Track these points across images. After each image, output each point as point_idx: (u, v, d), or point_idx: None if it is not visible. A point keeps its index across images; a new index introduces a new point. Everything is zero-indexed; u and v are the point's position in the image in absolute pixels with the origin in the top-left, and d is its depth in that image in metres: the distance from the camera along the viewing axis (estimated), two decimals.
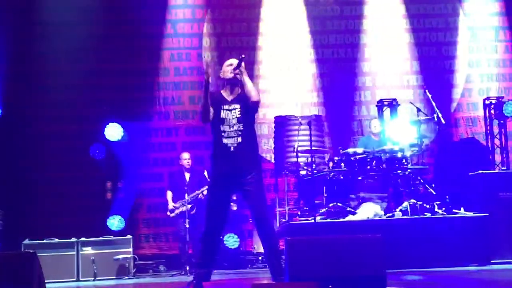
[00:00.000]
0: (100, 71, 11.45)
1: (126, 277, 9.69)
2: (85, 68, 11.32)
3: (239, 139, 6.21)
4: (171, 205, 10.33)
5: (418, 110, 9.97)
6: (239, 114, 6.23)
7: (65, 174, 11.23)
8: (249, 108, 6.24)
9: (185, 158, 10.48)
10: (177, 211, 10.22)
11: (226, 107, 6.28)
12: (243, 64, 6.24)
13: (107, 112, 10.75)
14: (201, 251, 6.39)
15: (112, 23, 11.53)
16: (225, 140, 6.23)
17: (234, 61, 6.31)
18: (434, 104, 9.45)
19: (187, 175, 10.42)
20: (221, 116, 6.25)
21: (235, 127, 6.23)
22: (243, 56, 6.25)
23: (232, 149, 6.22)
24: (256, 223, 6.36)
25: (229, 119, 6.25)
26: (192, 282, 6.33)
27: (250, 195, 6.24)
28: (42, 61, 11.28)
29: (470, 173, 9.62)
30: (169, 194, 10.46)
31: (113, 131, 10.67)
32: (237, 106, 6.26)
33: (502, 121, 10.66)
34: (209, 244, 6.32)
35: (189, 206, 10.11)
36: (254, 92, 6.20)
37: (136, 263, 10.01)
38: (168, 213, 10.39)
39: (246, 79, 6.22)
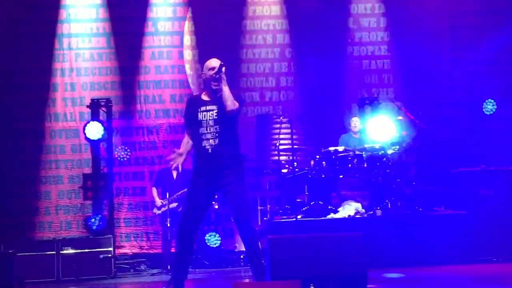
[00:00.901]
0: (80, 69, 11.40)
1: (107, 277, 9.63)
2: (66, 66, 11.29)
3: (217, 141, 6.21)
4: (159, 201, 10.30)
5: (399, 108, 10.01)
6: (216, 115, 6.24)
7: (45, 172, 11.17)
8: (226, 114, 6.25)
9: None
10: (163, 209, 10.20)
11: (203, 108, 6.28)
12: (223, 69, 6.24)
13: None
14: (177, 250, 6.41)
15: (92, 21, 11.47)
16: (203, 143, 6.25)
17: (215, 64, 6.31)
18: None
19: (175, 173, 10.41)
20: (199, 118, 6.26)
21: (212, 129, 6.25)
22: (222, 63, 6.25)
23: (210, 151, 6.23)
24: (237, 223, 6.36)
25: (206, 120, 6.26)
26: (171, 283, 6.33)
27: (230, 196, 6.25)
28: (17, 59, 11.20)
29: (451, 171, 9.67)
30: (155, 191, 10.44)
31: (94, 130, 10.58)
32: (214, 107, 6.27)
33: (482, 119, 10.72)
34: (185, 243, 6.33)
35: (175, 204, 10.11)
36: (230, 102, 6.18)
37: (117, 262, 9.94)
38: (155, 210, 10.36)
39: (224, 87, 6.21)
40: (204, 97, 6.42)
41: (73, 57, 11.44)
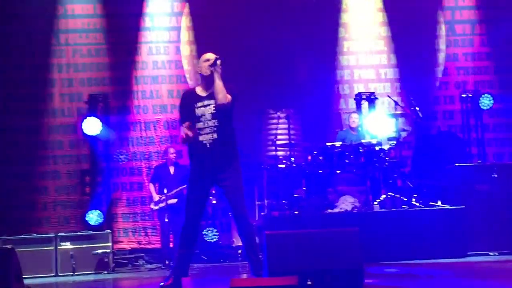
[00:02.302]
0: (79, 65, 11.42)
1: (105, 272, 9.67)
2: (63, 62, 11.31)
3: (215, 135, 6.23)
4: (156, 197, 10.33)
5: (396, 103, 10.05)
6: (213, 110, 6.25)
7: (43, 168, 11.19)
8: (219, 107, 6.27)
9: (171, 152, 10.51)
10: (161, 204, 10.23)
11: (200, 104, 6.29)
12: (218, 62, 6.26)
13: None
14: (179, 245, 6.42)
15: (89, 16, 11.48)
16: (201, 137, 6.25)
17: (210, 56, 6.33)
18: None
19: (172, 169, 10.43)
20: (196, 114, 6.26)
21: (210, 123, 6.25)
22: (218, 57, 6.28)
23: (208, 145, 6.25)
24: (234, 218, 6.39)
25: (204, 115, 6.27)
26: (170, 278, 6.35)
27: (228, 191, 6.27)
28: (13, 55, 11.21)
29: (447, 166, 9.70)
30: (152, 187, 10.47)
31: (92, 125, 10.60)
32: (212, 102, 6.27)
33: (478, 114, 10.75)
34: (187, 238, 6.36)
35: (175, 200, 10.14)
36: (222, 95, 6.19)
37: (115, 257, 9.98)
38: (153, 205, 10.38)
39: (217, 80, 6.22)
40: (200, 91, 6.41)
41: (70, 53, 11.45)
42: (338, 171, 9.34)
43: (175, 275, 6.33)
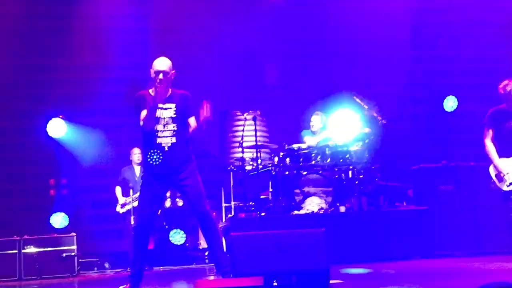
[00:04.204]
0: (42, 66, 11.27)
1: (70, 275, 9.57)
2: (28, 62, 11.16)
3: (174, 139, 6.19)
4: (122, 199, 10.25)
5: (362, 104, 10.07)
6: (174, 114, 6.21)
7: (6, 170, 11.04)
8: (185, 109, 6.25)
9: (136, 153, 10.43)
10: (127, 207, 10.17)
11: (160, 105, 6.21)
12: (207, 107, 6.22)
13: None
14: (133, 249, 6.37)
15: (58, 16, 11.34)
16: (159, 140, 6.19)
17: (161, 66, 6.22)
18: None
19: (137, 171, 10.36)
20: (156, 115, 6.19)
21: (170, 127, 6.20)
22: (164, 71, 6.20)
23: (166, 148, 6.20)
24: (197, 217, 6.36)
25: (164, 118, 6.21)
26: (127, 283, 6.31)
27: (187, 191, 6.25)
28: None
29: (412, 167, 9.78)
30: (118, 189, 10.39)
31: (56, 127, 10.49)
32: (172, 105, 6.23)
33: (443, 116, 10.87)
34: (140, 241, 6.31)
35: None
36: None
37: (80, 260, 9.88)
38: (119, 207, 10.30)
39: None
40: (154, 94, 6.29)
41: None
42: (304, 173, 9.36)
43: (132, 277, 6.31)
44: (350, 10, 11.71)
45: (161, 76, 6.13)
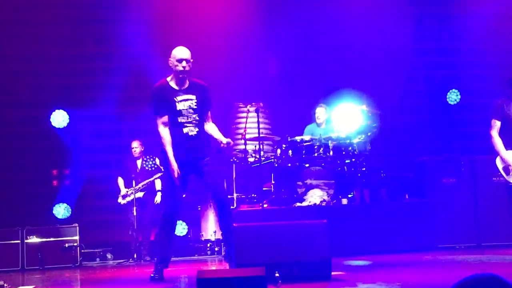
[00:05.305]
0: (46, 56, 11.27)
1: (72, 265, 9.59)
2: (29, 53, 11.15)
3: (197, 129, 6.38)
4: (124, 191, 10.28)
5: (365, 97, 10.07)
6: (195, 105, 6.35)
7: (9, 161, 11.05)
8: (205, 101, 6.48)
9: (133, 146, 10.46)
10: (128, 198, 10.19)
11: (180, 97, 6.34)
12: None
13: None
14: (162, 237, 6.48)
15: (57, 6, 11.34)
16: (184, 130, 6.34)
17: (184, 55, 6.32)
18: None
19: (139, 162, 10.38)
20: (177, 108, 6.32)
21: (192, 118, 6.36)
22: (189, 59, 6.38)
23: (191, 137, 6.41)
24: (216, 203, 6.57)
25: (186, 109, 6.34)
26: (155, 276, 6.39)
27: (209, 174, 6.42)
28: None
29: (415, 160, 9.79)
30: (121, 180, 10.42)
31: (59, 118, 10.50)
32: (193, 97, 6.38)
33: (446, 109, 10.87)
34: (170, 228, 6.44)
35: (142, 193, 10.11)
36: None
37: (82, 251, 9.91)
38: (120, 199, 10.33)
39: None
40: (173, 85, 6.43)
41: None
42: (307, 165, 9.36)
43: (159, 272, 6.40)
44: (353, 2, 11.69)
45: (184, 63, 6.31)
